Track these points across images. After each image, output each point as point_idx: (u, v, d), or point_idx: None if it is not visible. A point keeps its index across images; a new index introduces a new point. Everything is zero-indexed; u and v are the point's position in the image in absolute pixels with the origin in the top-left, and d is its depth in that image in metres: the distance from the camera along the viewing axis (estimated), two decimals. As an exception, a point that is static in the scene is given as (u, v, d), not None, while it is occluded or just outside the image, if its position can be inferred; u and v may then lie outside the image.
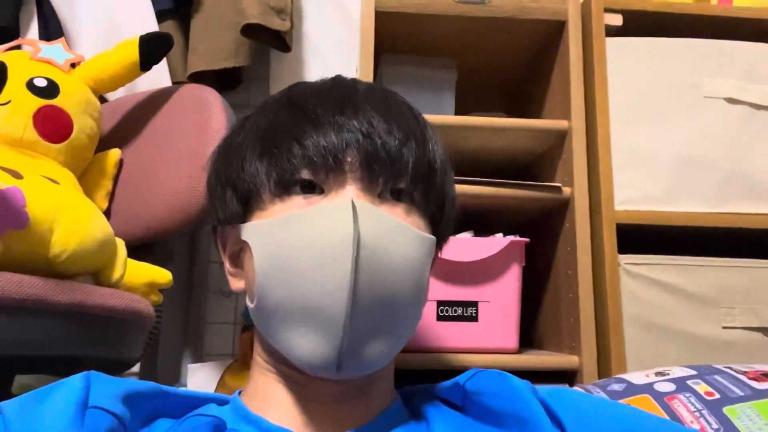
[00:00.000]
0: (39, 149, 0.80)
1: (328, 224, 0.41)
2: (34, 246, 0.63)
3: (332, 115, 0.45)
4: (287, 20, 1.09)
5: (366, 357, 0.42)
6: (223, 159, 0.51)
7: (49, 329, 0.61)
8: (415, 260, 0.44)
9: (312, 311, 0.40)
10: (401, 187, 0.46)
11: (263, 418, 0.44)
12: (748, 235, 0.92)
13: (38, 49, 0.87)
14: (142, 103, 0.98)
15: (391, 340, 0.43)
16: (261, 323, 0.46)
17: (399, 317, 0.43)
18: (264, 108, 0.51)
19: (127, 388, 0.42)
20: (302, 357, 0.42)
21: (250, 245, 0.45)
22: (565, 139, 0.93)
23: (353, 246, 0.39)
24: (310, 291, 0.40)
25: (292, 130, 0.46)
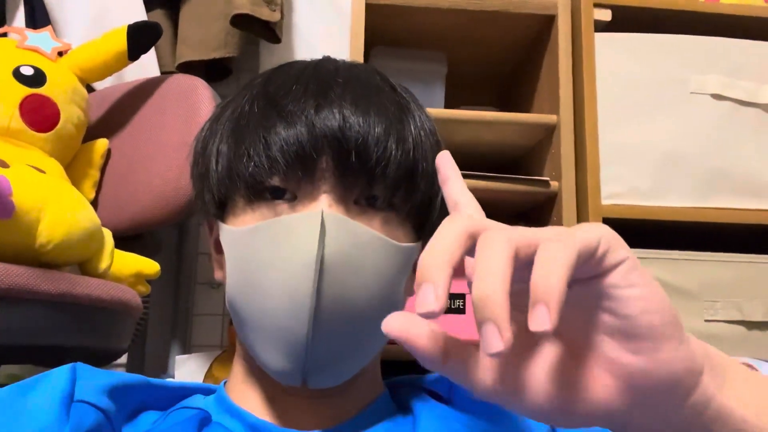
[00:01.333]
0: (25, 138, 0.79)
1: (292, 242, 0.39)
2: (21, 235, 0.63)
3: (304, 110, 0.42)
4: (277, 11, 1.08)
5: (331, 372, 0.42)
6: (200, 153, 0.48)
7: (35, 318, 0.61)
8: (388, 275, 0.42)
9: (275, 330, 0.40)
10: (377, 194, 0.43)
11: (247, 411, 0.44)
12: (732, 229, 0.93)
13: (25, 37, 0.86)
14: (130, 92, 0.98)
15: (357, 356, 0.43)
16: (235, 322, 0.45)
17: (367, 334, 0.42)
18: (242, 93, 0.48)
19: (114, 381, 0.42)
20: (269, 367, 0.42)
21: (224, 250, 0.44)
22: (553, 133, 0.94)
23: (315, 269, 0.38)
24: (273, 311, 0.39)
25: (261, 127, 0.42)
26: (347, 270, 0.39)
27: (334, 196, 0.41)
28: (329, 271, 0.38)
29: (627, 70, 0.93)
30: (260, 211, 0.42)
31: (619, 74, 0.93)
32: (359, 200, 0.42)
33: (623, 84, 0.93)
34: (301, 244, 0.38)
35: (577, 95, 0.94)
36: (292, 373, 0.40)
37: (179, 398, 0.46)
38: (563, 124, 0.92)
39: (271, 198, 0.42)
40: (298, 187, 0.42)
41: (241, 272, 0.42)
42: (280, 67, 0.48)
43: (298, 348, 0.39)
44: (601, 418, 0.27)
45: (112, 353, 0.74)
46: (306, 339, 0.38)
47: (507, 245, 0.24)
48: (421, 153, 0.45)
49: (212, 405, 0.46)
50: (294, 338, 0.39)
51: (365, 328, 0.42)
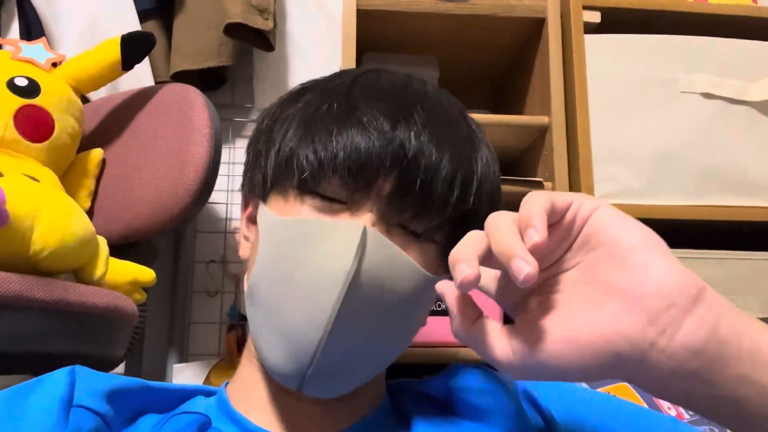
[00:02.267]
0: (20, 149, 0.80)
1: (328, 248, 0.39)
2: (15, 243, 0.63)
3: (384, 124, 0.41)
4: (270, 19, 1.09)
5: (329, 385, 0.42)
6: (263, 131, 0.48)
7: (30, 326, 0.61)
8: (413, 303, 0.42)
9: (289, 327, 0.40)
10: (422, 229, 0.42)
11: (246, 417, 0.44)
12: (725, 227, 0.93)
13: (19, 48, 0.87)
14: (124, 102, 0.98)
15: (359, 374, 0.43)
16: (249, 312, 0.45)
17: (374, 352, 0.42)
18: (324, 85, 0.46)
19: (113, 385, 0.42)
20: (269, 361, 0.42)
21: (260, 233, 0.44)
22: (545, 134, 0.95)
23: (345, 282, 0.38)
24: (293, 308, 0.39)
25: (335, 125, 0.42)
26: (376, 290, 0.39)
27: (381, 215, 0.41)
28: (358, 287, 0.38)
29: (617, 70, 0.94)
30: (306, 205, 0.42)
31: (609, 75, 0.94)
32: (403, 226, 0.42)
33: (614, 84, 0.94)
34: (337, 252, 0.39)
35: (569, 96, 0.94)
36: (291, 375, 0.40)
37: (179, 401, 0.46)
38: (555, 125, 0.93)
39: (320, 197, 0.42)
40: (350, 196, 0.41)
41: (271, 260, 0.42)
42: (371, 73, 0.47)
43: (305, 354, 0.39)
44: (619, 346, 0.28)
45: (107, 361, 0.74)
46: (317, 345, 0.38)
47: (509, 216, 0.31)
48: (480, 199, 0.45)
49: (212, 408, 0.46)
50: (304, 341, 0.39)
51: (375, 349, 0.42)
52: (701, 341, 0.28)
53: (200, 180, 0.85)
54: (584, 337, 0.29)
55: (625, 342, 0.28)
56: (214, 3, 1.10)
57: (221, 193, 1.19)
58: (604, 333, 0.28)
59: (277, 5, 1.13)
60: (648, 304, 0.28)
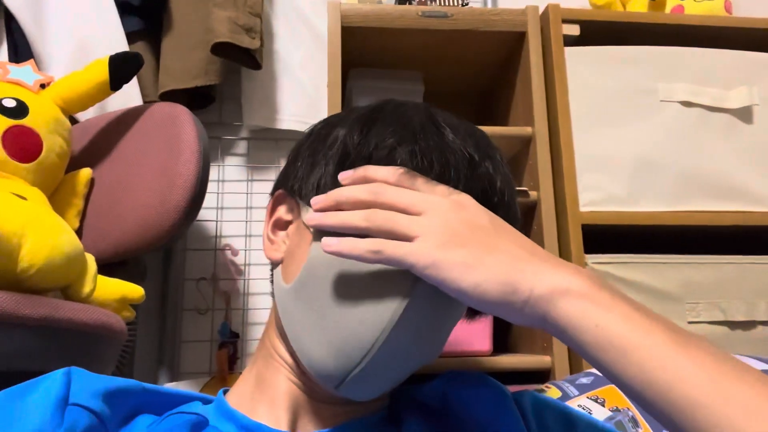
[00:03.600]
0: (8, 169, 0.80)
1: (376, 295, 0.41)
2: (2, 261, 0.63)
3: (470, 158, 0.44)
4: (257, 38, 1.11)
5: (365, 388, 0.43)
6: (326, 127, 0.48)
7: (17, 343, 0.60)
8: (447, 330, 0.46)
9: (341, 328, 0.41)
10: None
11: (242, 413, 0.44)
12: (708, 231, 0.95)
13: (7, 71, 0.88)
14: (113, 122, 0.99)
15: (394, 380, 0.45)
16: (288, 308, 0.45)
17: (412, 363, 0.44)
18: (405, 111, 0.47)
19: (109, 385, 0.42)
20: (310, 360, 0.42)
21: (312, 234, 0.44)
22: (529, 144, 0.96)
23: (411, 293, 0.40)
24: (350, 309, 0.41)
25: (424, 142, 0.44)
26: (432, 311, 0.42)
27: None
28: (419, 302, 0.41)
29: (598, 81, 0.96)
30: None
31: (590, 86, 0.96)
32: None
33: (595, 95, 0.96)
34: (383, 304, 0.41)
35: (551, 107, 0.96)
36: (333, 375, 0.41)
37: (176, 404, 0.46)
38: (538, 135, 0.94)
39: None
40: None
41: (330, 266, 0.42)
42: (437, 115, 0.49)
43: (356, 352, 0.40)
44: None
45: (96, 379, 0.74)
46: (369, 348, 0.40)
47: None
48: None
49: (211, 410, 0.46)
50: (357, 342, 0.40)
51: (415, 358, 0.44)
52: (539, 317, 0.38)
53: (189, 197, 0.85)
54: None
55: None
56: (201, 23, 1.11)
57: (211, 211, 1.20)
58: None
59: (263, 24, 1.15)
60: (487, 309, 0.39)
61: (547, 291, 0.37)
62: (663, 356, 0.34)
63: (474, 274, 0.37)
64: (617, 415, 0.61)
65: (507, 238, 0.40)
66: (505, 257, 0.38)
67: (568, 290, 0.37)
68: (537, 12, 1.01)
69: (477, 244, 0.38)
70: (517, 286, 0.37)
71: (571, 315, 0.36)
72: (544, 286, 0.37)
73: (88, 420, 0.39)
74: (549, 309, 0.37)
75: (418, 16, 0.98)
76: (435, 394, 0.50)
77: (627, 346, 0.34)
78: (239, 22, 1.09)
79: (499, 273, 0.37)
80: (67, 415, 0.38)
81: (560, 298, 0.37)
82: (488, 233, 0.40)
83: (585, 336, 0.36)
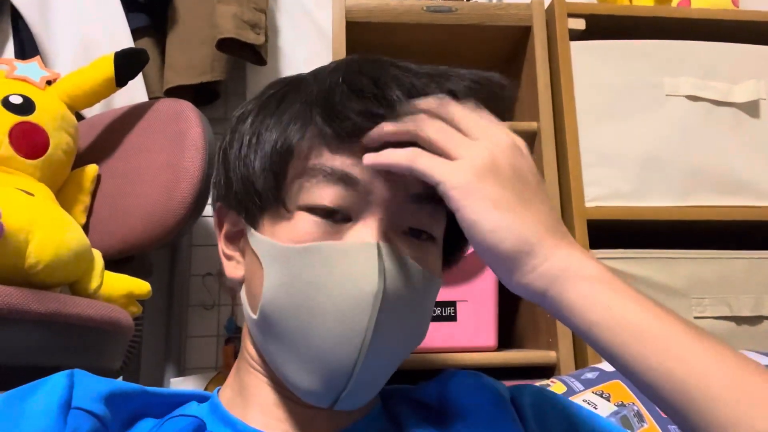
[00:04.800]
0: (15, 165, 0.81)
1: (352, 272, 0.39)
2: (10, 257, 0.64)
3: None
4: (261, 34, 1.11)
5: (363, 395, 0.42)
6: (246, 132, 0.44)
7: (25, 338, 0.61)
8: (426, 308, 0.43)
9: (320, 356, 0.39)
10: (423, 227, 0.42)
11: (240, 420, 0.44)
12: (714, 227, 0.94)
13: (14, 67, 0.88)
14: (118, 118, 0.99)
15: (386, 378, 0.44)
16: (260, 337, 0.44)
17: (398, 360, 0.43)
18: (316, 82, 0.42)
19: (111, 388, 0.42)
20: (299, 388, 0.41)
21: (261, 262, 0.42)
22: (534, 139, 0.96)
23: (374, 305, 0.38)
24: (322, 337, 0.39)
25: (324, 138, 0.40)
26: (400, 305, 0.39)
27: (389, 224, 0.41)
28: (386, 304, 0.38)
29: (603, 75, 0.96)
30: (306, 223, 0.40)
31: (595, 80, 0.95)
32: (407, 231, 0.42)
33: (600, 89, 0.95)
34: (360, 275, 0.38)
35: (556, 102, 0.96)
36: (324, 397, 0.40)
37: (175, 405, 0.46)
38: (544, 130, 0.94)
39: (322, 215, 0.40)
40: (352, 208, 0.41)
41: (289, 290, 0.40)
42: (352, 63, 0.44)
43: (342, 377, 0.39)
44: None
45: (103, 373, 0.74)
46: (352, 370, 0.39)
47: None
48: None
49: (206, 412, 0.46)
50: (339, 367, 0.39)
51: (400, 356, 0.43)
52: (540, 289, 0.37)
53: (194, 193, 0.85)
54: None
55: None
56: (206, 19, 1.11)
57: (216, 207, 1.20)
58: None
59: (268, 20, 1.15)
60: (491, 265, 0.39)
61: (561, 267, 0.36)
62: (682, 347, 0.33)
63: (498, 217, 0.36)
64: (622, 410, 0.61)
65: (542, 201, 0.39)
66: (535, 217, 0.37)
67: (580, 271, 0.36)
68: (542, 6, 1.00)
69: (514, 191, 0.37)
70: (535, 248, 0.36)
71: (582, 295, 0.35)
72: (559, 261, 0.36)
73: (90, 424, 0.39)
74: (555, 285, 0.36)
75: (423, 11, 0.98)
76: (432, 393, 0.50)
77: (643, 333, 0.34)
78: (244, 18, 1.09)
79: (523, 228, 0.36)
80: (69, 420, 0.38)
81: (572, 277, 0.36)
82: (529, 187, 0.38)
83: (594, 315, 0.35)
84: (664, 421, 0.61)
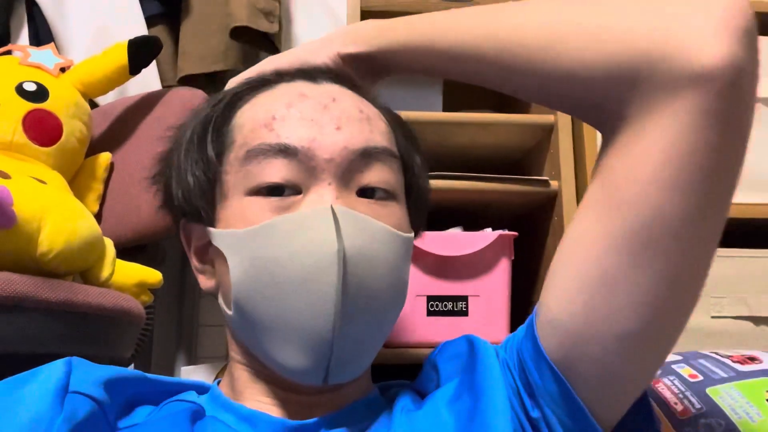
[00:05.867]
0: (28, 153, 0.81)
1: (310, 238, 0.39)
2: (22, 245, 0.64)
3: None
4: (275, 22, 1.10)
5: (353, 365, 0.42)
6: (187, 141, 0.48)
7: (36, 327, 0.61)
8: (397, 265, 0.43)
9: (298, 329, 0.39)
10: (376, 185, 0.43)
11: (241, 404, 0.44)
12: (735, 224, 0.92)
13: (27, 54, 0.88)
14: (132, 106, 0.99)
15: (375, 344, 0.44)
16: (240, 331, 0.45)
17: (383, 323, 0.43)
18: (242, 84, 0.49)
19: (109, 374, 0.43)
20: (287, 368, 0.41)
21: (225, 255, 0.43)
22: (551, 133, 0.94)
23: (339, 264, 0.38)
24: (295, 309, 0.39)
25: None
26: (365, 262, 0.39)
27: (338, 186, 0.41)
28: (351, 262, 0.38)
29: (623, 68, 0.93)
30: (260, 203, 0.42)
31: (615, 73, 0.93)
32: (359, 191, 0.43)
33: (620, 82, 0.93)
34: (320, 238, 0.38)
35: (574, 95, 0.94)
36: (314, 371, 0.40)
37: (173, 393, 0.47)
38: (561, 124, 0.92)
39: (268, 194, 0.42)
40: (302, 180, 0.42)
41: (252, 273, 0.41)
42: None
43: (323, 345, 0.39)
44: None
45: (115, 362, 0.74)
46: (332, 335, 0.38)
47: None
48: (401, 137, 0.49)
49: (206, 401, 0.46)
50: (318, 335, 0.39)
51: (383, 316, 0.42)
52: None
53: (206, 182, 0.85)
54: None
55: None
56: (220, 7, 1.10)
57: (229, 196, 1.20)
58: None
59: (282, 8, 1.14)
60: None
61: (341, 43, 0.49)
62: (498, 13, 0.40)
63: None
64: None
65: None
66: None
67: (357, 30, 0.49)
68: (562, -4, 0.98)
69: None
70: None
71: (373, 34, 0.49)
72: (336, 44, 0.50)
73: (88, 407, 0.39)
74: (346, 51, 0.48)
75: (441, 1, 0.96)
76: (431, 384, 0.49)
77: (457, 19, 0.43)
78: (258, 6, 1.08)
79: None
80: (66, 403, 0.38)
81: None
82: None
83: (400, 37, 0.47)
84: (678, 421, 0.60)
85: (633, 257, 0.37)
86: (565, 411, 0.40)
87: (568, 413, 0.40)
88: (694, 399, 0.52)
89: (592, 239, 0.39)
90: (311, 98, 0.44)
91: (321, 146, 0.42)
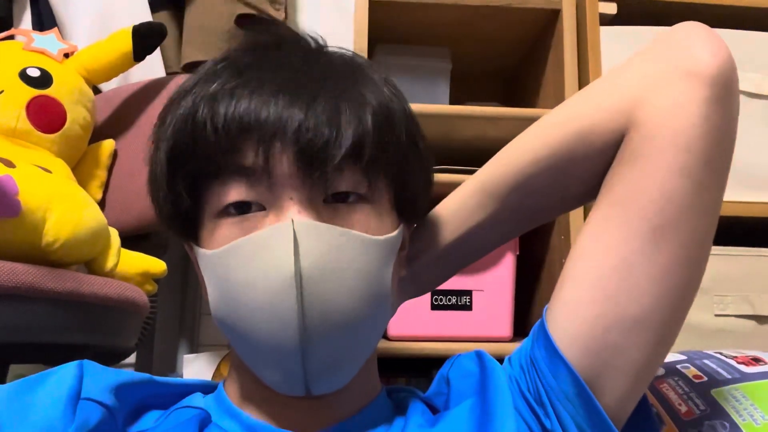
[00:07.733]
0: (32, 139, 0.80)
1: (267, 260, 0.38)
2: (27, 234, 0.64)
3: (263, 106, 0.38)
4: (281, 10, 1.09)
5: (333, 377, 0.41)
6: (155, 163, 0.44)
7: (42, 316, 0.61)
8: (370, 270, 0.41)
9: (266, 348, 0.39)
10: (346, 189, 0.40)
11: (244, 412, 0.44)
12: (740, 223, 0.92)
13: (31, 39, 0.87)
14: (135, 93, 0.98)
15: (355, 356, 0.42)
16: (225, 334, 0.44)
17: (360, 333, 0.41)
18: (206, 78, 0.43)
19: (120, 379, 0.42)
20: (270, 383, 0.41)
21: (203, 275, 0.43)
22: (558, 128, 0.93)
23: (296, 285, 0.37)
24: (262, 330, 0.38)
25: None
26: (327, 277, 0.38)
27: (302, 197, 0.39)
28: (309, 283, 0.37)
29: (633, 63, 0.92)
30: (227, 225, 0.40)
31: (624, 67, 0.92)
32: (329, 199, 0.40)
33: (629, 77, 0.92)
34: (276, 260, 0.37)
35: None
36: (293, 385, 0.40)
37: (180, 396, 0.46)
38: (569, 118, 0.92)
39: (237, 213, 0.40)
40: (262, 195, 0.40)
41: (221, 295, 0.40)
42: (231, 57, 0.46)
43: (293, 363, 0.38)
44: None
45: (119, 352, 0.75)
46: (299, 353, 0.38)
47: None
48: (384, 145, 0.41)
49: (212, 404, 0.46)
50: (286, 355, 0.38)
51: (357, 328, 0.41)
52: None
53: (211, 171, 0.85)
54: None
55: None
56: (225, -7, 1.09)
57: (232, 185, 1.20)
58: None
59: (288, -4, 1.13)
60: None
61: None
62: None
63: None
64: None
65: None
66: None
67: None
68: (573, -11, 0.97)
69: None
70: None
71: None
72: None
73: (100, 414, 0.38)
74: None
75: (451, -10, 0.95)
76: (439, 398, 0.49)
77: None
78: (264, -7, 1.07)
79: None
80: (79, 411, 0.38)
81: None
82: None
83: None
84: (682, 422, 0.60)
85: (650, 239, 0.40)
86: (580, 411, 0.40)
87: (584, 414, 0.40)
88: (699, 400, 0.52)
89: (609, 232, 0.42)
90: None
91: (279, 162, 0.39)
